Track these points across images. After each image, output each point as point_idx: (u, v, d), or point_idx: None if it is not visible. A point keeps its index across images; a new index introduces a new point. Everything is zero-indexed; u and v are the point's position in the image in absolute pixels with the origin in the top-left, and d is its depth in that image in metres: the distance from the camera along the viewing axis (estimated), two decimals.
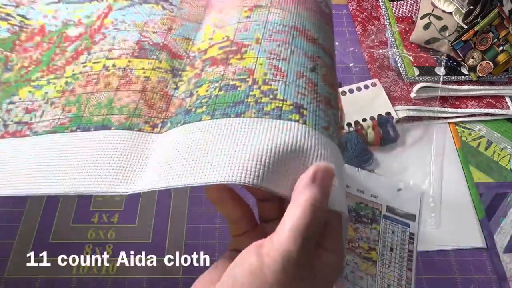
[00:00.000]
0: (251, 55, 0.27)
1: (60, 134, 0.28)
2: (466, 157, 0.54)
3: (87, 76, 0.31)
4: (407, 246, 0.45)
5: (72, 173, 0.25)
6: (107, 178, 0.25)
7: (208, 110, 0.25)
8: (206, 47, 0.30)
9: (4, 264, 0.44)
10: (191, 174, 0.22)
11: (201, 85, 0.27)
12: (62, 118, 0.29)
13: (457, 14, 0.58)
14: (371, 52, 0.62)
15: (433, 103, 0.56)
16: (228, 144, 0.22)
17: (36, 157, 0.27)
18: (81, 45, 0.33)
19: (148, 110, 0.28)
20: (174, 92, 0.29)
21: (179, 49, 0.31)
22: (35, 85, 0.32)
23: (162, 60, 0.30)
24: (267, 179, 0.21)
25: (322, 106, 0.25)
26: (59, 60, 0.33)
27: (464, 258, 0.46)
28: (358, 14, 0.68)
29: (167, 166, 0.23)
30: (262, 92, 0.24)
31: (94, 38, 0.33)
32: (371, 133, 0.53)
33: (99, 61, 0.31)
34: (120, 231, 0.47)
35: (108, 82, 0.30)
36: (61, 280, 0.43)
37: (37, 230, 0.47)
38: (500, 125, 0.57)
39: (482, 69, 0.55)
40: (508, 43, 0.54)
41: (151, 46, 0.31)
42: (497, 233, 0.48)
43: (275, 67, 0.26)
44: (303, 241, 0.19)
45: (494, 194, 0.51)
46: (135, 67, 0.30)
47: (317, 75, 0.26)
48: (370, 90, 0.57)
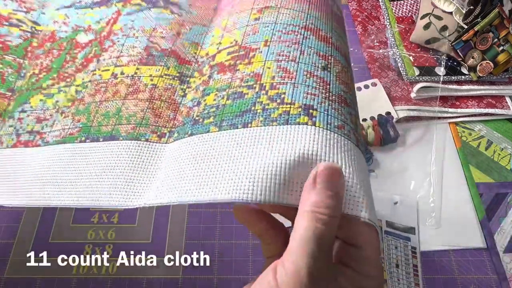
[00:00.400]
0: (259, 59, 0.26)
1: (70, 144, 0.28)
2: (466, 157, 0.54)
3: (96, 85, 0.31)
4: (411, 261, 0.45)
5: (81, 185, 0.25)
6: (116, 191, 0.24)
7: (215, 121, 0.24)
8: (215, 52, 0.29)
9: (4, 264, 0.44)
10: (199, 190, 0.22)
11: (208, 93, 0.27)
12: (72, 128, 0.29)
13: (457, 14, 0.58)
14: (371, 52, 0.62)
15: (433, 103, 0.56)
16: (235, 158, 0.22)
17: (46, 168, 0.27)
18: (91, 52, 0.33)
19: (155, 119, 0.27)
20: (182, 100, 0.28)
21: (187, 54, 0.31)
22: (46, 93, 0.32)
23: (170, 67, 0.30)
24: (274, 194, 0.20)
25: (336, 104, 0.23)
26: (70, 67, 0.33)
27: (464, 258, 0.46)
28: (358, 14, 0.68)
29: (176, 180, 0.23)
30: (269, 97, 0.24)
31: (103, 45, 0.33)
32: (371, 133, 0.53)
33: (108, 68, 0.31)
34: (120, 231, 0.47)
35: (116, 91, 0.29)
36: (61, 280, 0.43)
37: (37, 230, 0.47)
38: (500, 125, 0.57)
39: (482, 69, 0.55)
40: (508, 43, 0.54)
41: (159, 52, 0.31)
42: (497, 233, 0.48)
43: (283, 69, 0.25)
44: (313, 253, 0.17)
45: (494, 194, 0.51)
46: (143, 74, 0.30)
47: (329, 74, 0.25)
48: (370, 90, 0.57)
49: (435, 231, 0.47)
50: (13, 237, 0.46)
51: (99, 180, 0.25)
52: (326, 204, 0.18)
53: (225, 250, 0.45)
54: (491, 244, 0.47)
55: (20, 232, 0.46)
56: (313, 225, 0.18)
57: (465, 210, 0.49)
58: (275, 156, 0.21)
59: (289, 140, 0.21)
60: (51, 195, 0.26)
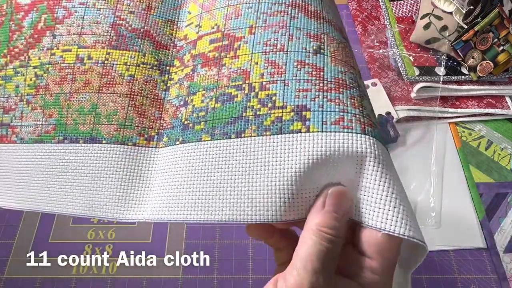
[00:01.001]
0: (245, 51, 0.24)
1: (47, 144, 0.26)
2: (467, 157, 0.54)
3: (59, 70, 0.27)
4: None
5: (64, 192, 0.24)
6: (109, 202, 0.24)
7: (207, 128, 0.23)
8: (195, 38, 0.27)
9: (4, 264, 0.44)
10: (196, 209, 0.21)
11: (195, 92, 0.25)
12: (46, 125, 0.27)
13: (457, 14, 0.58)
14: (371, 52, 0.62)
15: (433, 103, 0.56)
16: (233, 175, 0.21)
17: (24, 169, 0.26)
18: (39, 20, 0.29)
19: (140, 119, 0.26)
20: (165, 95, 0.27)
21: (163, 36, 0.28)
22: (3, 75, 0.29)
23: (146, 53, 0.27)
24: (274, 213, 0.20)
25: (332, 93, 0.22)
26: (18, 40, 0.29)
27: (464, 258, 0.46)
28: (358, 14, 0.68)
29: (172, 195, 0.23)
30: (260, 101, 0.23)
31: (54, 12, 0.28)
32: None
33: (70, 48, 0.27)
34: (120, 231, 0.47)
35: (87, 80, 0.27)
36: (61, 280, 0.43)
37: (37, 230, 0.47)
38: (500, 125, 0.57)
39: (482, 69, 0.55)
40: (508, 43, 0.54)
41: (130, 33, 0.27)
42: (497, 233, 0.48)
43: (272, 63, 0.23)
44: (316, 271, 0.18)
45: (494, 194, 0.51)
46: (116, 62, 0.27)
47: (323, 57, 0.23)
48: (370, 90, 0.57)
49: (435, 231, 0.47)
50: (13, 237, 0.46)
51: (86, 189, 0.24)
52: (332, 225, 0.19)
53: (225, 250, 0.45)
54: (491, 244, 0.47)
55: (20, 232, 0.46)
56: (319, 243, 0.18)
57: (465, 210, 0.49)
58: (272, 174, 0.21)
59: (284, 154, 0.21)
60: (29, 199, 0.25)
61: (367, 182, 0.20)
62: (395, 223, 0.19)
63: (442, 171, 0.52)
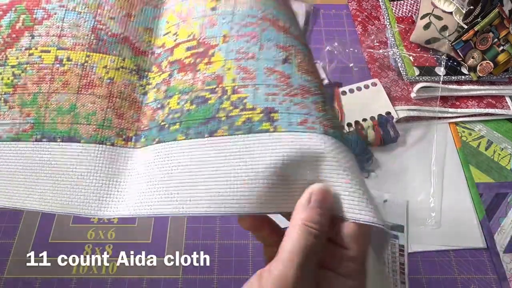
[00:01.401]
0: (219, 58, 0.26)
1: (25, 143, 0.27)
2: (467, 157, 0.54)
3: (38, 70, 0.28)
4: (397, 258, 0.45)
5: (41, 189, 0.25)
6: (86, 199, 0.24)
7: (182, 128, 0.25)
8: (172, 46, 0.28)
9: (4, 264, 0.44)
10: (171, 202, 0.23)
11: (171, 96, 0.26)
12: (23, 124, 0.27)
13: (457, 14, 0.58)
14: (371, 52, 0.62)
15: (433, 103, 0.56)
16: (204, 170, 0.23)
17: (1, 167, 0.26)
18: (17, 20, 0.29)
19: (119, 121, 0.27)
20: (143, 99, 0.28)
21: (142, 43, 0.29)
22: None
23: (126, 58, 0.28)
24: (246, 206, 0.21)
25: (298, 98, 0.24)
26: None
27: (464, 258, 0.46)
28: (358, 14, 0.68)
29: (148, 191, 0.24)
30: (232, 103, 0.24)
31: (33, 13, 0.29)
32: (371, 133, 0.53)
33: (49, 49, 0.28)
34: (120, 231, 0.47)
35: (66, 81, 0.27)
36: (61, 280, 0.43)
37: (37, 230, 0.47)
38: (500, 125, 0.57)
39: (482, 69, 0.55)
40: (508, 43, 0.54)
41: (110, 38, 0.28)
42: (497, 233, 0.48)
43: (243, 69, 0.25)
44: (301, 264, 0.19)
45: (494, 194, 0.51)
46: (96, 64, 0.27)
47: (290, 66, 0.25)
48: (370, 90, 0.57)
49: (435, 231, 0.47)
50: (13, 237, 0.46)
51: (64, 186, 0.25)
52: (316, 220, 0.20)
53: (225, 250, 0.45)
54: (491, 244, 0.47)
55: (20, 232, 0.46)
56: (304, 237, 0.19)
57: (465, 210, 0.49)
58: (241, 170, 0.22)
59: (254, 151, 0.23)
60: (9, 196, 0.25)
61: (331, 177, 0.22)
62: (364, 212, 0.21)
63: (442, 171, 0.52)
